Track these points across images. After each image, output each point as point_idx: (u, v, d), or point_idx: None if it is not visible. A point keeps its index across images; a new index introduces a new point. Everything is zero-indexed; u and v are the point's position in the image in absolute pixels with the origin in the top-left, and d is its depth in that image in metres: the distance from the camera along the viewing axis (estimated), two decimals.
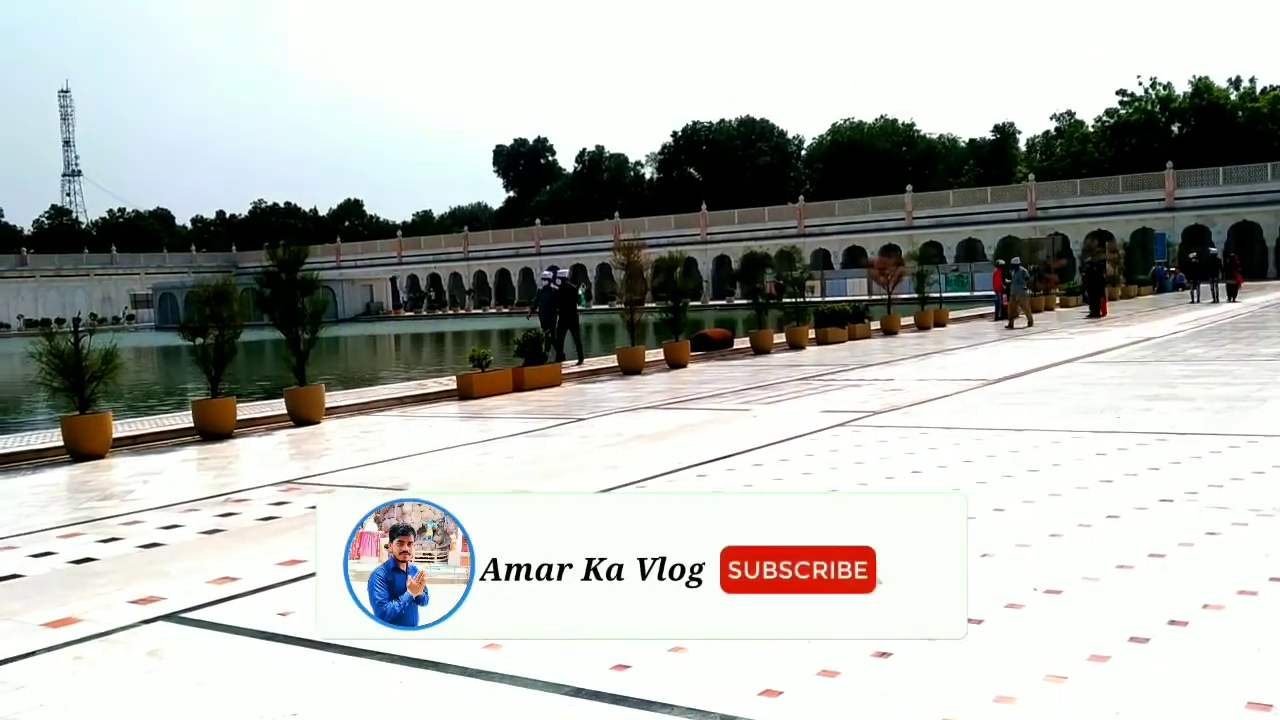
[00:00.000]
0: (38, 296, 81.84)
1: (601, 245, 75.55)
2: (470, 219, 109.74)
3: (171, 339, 22.32)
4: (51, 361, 10.33)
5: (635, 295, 18.40)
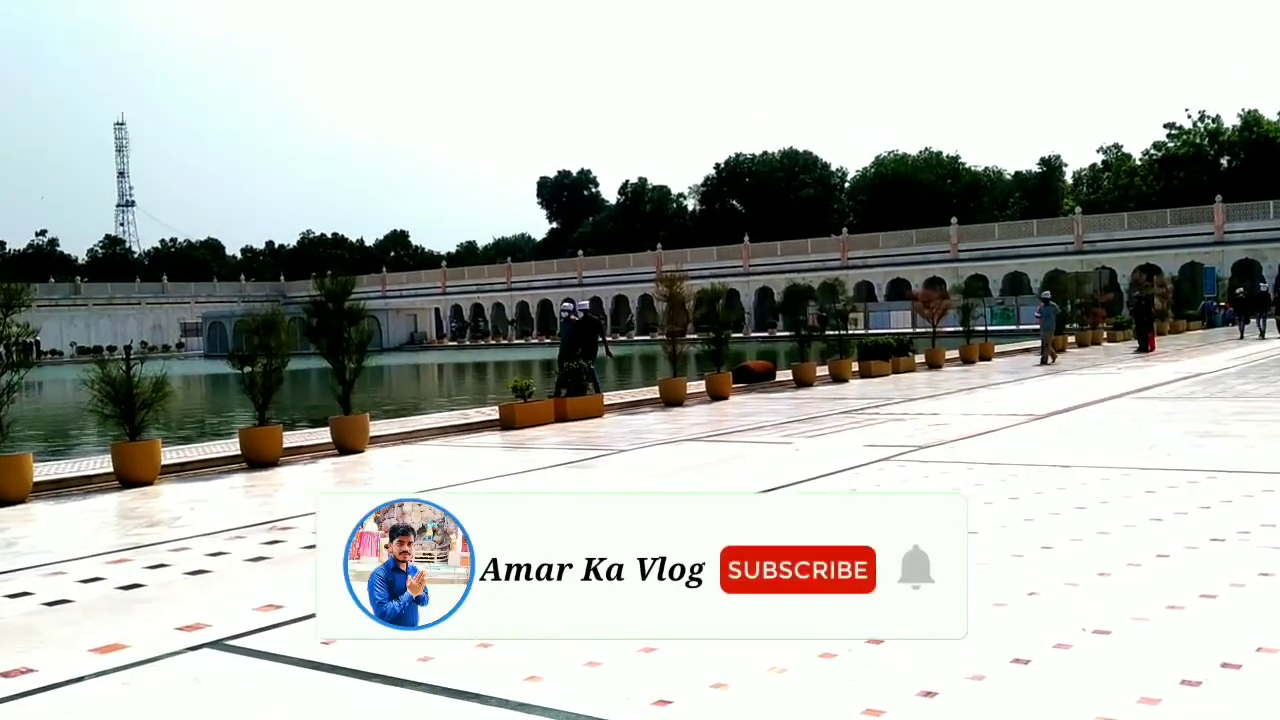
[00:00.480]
0: (90, 324, 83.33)
1: (643, 276, 75.73)
2: (513, 250, 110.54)
3: (220, 367, 22.60)
4: (103, 389, 10.50)
5: (677, 327, 18.39)
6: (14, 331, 9.78)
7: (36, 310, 16.22)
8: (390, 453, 12.38)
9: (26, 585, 6.10)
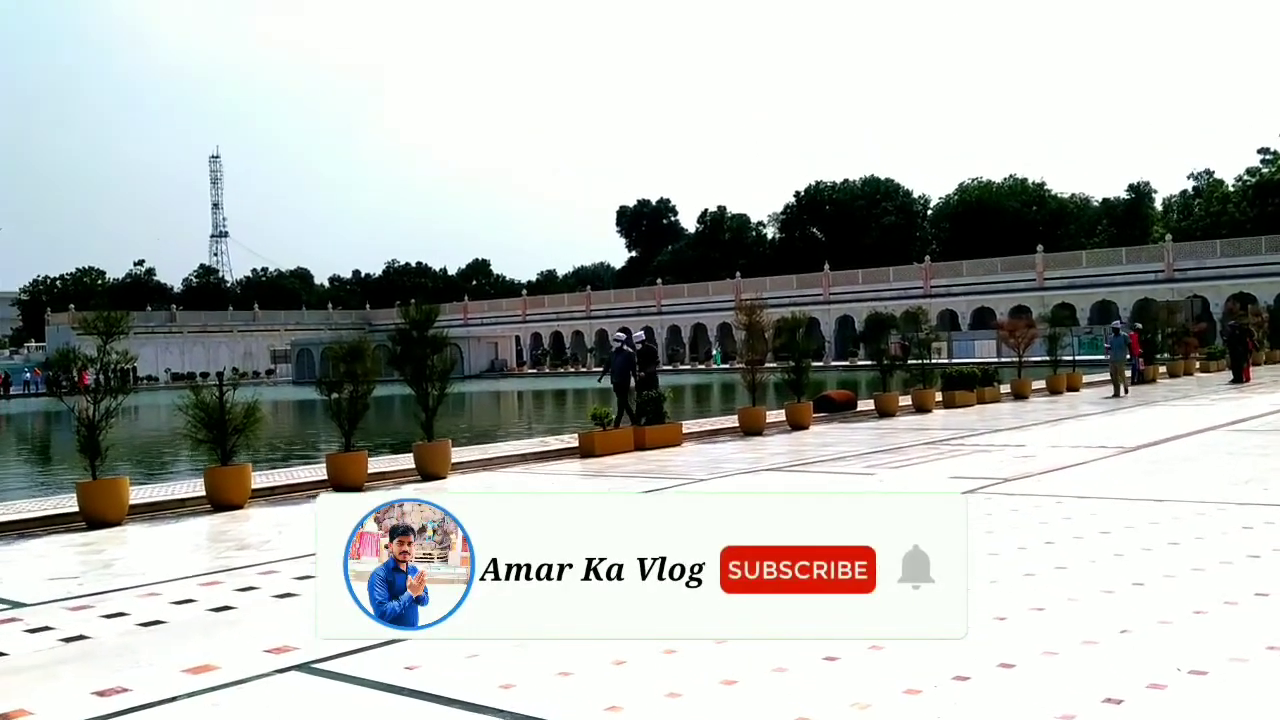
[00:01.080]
0: (185, 351, 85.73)
1: (722, 305, 75.57)
2: (593, 278, 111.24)
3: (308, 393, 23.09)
4: (197, 414, 10.80)
5: (756, 355, 18.33)
6: (114, 359, 10.11)
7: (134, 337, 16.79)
8: (471, 479, 12.51)
9: (122, 606, 6.28)
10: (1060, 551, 6.84)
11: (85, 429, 9.96)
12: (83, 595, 6.65)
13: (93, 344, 10.23)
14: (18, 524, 9.69)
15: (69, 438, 10.65)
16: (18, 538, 9.26)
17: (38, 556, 8.46)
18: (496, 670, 4.56)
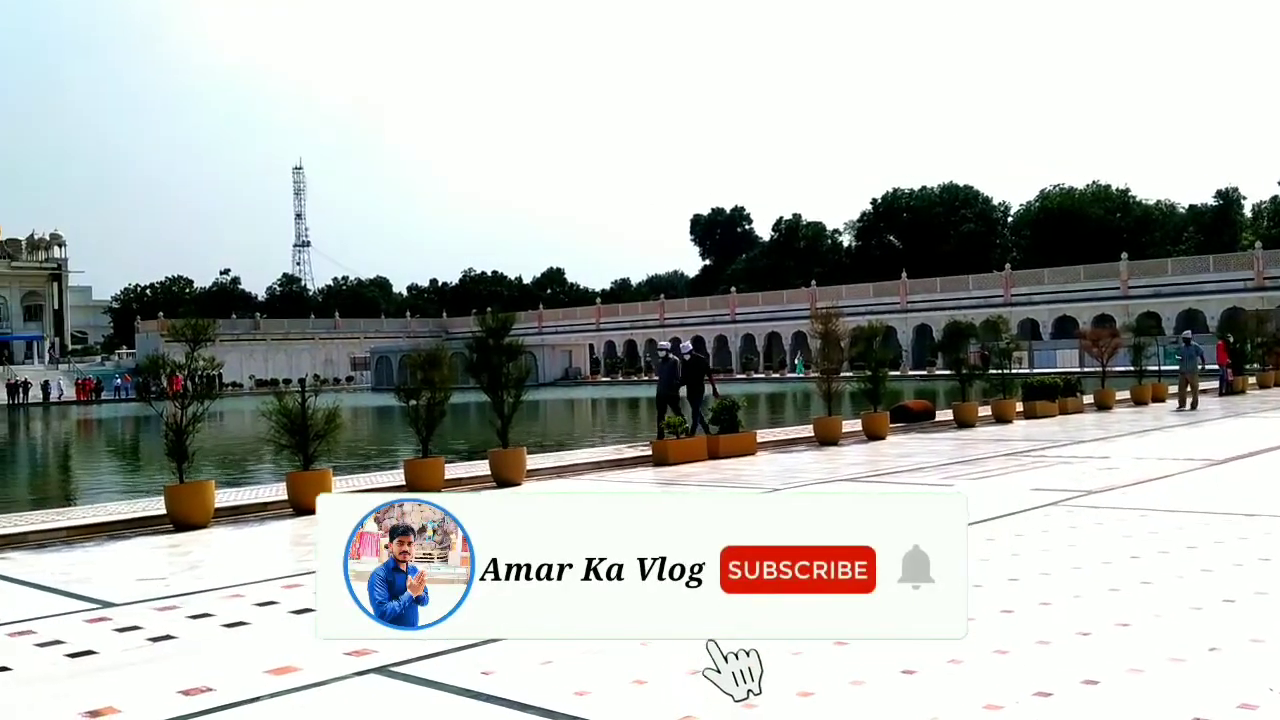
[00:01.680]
0: (268, 358, 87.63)
1: (797, 313, 75.09)
2: (666, 287, 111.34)
3: (386, 400, 23.42)
4: (280, 420, 11.02)
5: (832, 364, 18.18)
6: (200, 365, 10.37)
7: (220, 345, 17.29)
8: (545, 486, 12.59)
9: (207, 607, 6.43)
10: (1146, 566, 6.67)
11: (173, 434, 10.22)
12: (169, 596, 6.82)
13: (181, 351, 10.50)
14: (108, 525, 9.98)
15: (157, 442, 10.95)
16: (108, 539, 9.54)
17: (127, 558, 8.70)
18: (571, 677, 4.58)
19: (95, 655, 5.39)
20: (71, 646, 5.54)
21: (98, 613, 6.44)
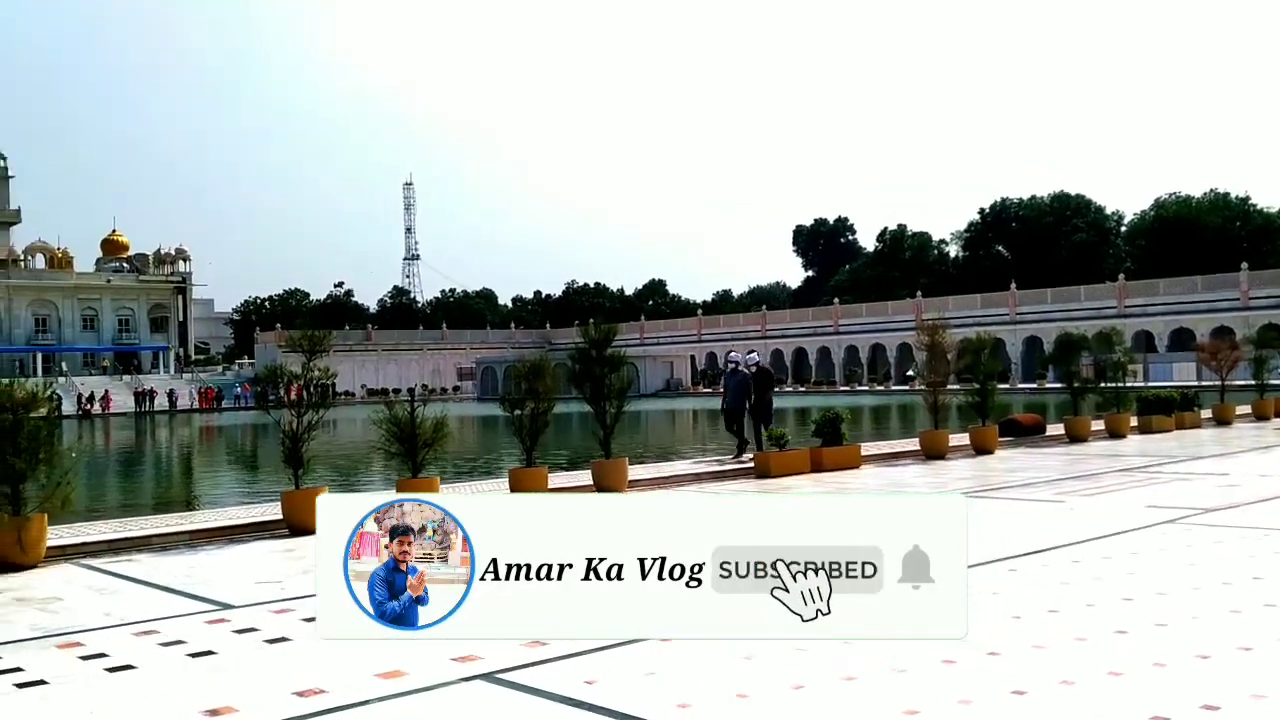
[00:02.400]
0: (379, 368, 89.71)
1: (902, 325, 74.01)
2: (768, 298, 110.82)
3: (491, 409, 23.78)
4: (390, 429, 11.28)
5: (938, 377, 17.86)
6: (316, 375, 10.69)
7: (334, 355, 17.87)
8: (648, 496, 12.63)
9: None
10: (1270, 588, 6.40)
11: (289, 441, 10.55)
12: (285, 599, 7.03)
13: (298, 361, 10.84)
14: (228, 530, 10.34)
15: (274, 449, 11.31)
16: (228, 543, 9.88)
17: (245, 561, 9.00)
18: (674, 688, 4.59)
19: (215, 655, 5.59)
20: (192, 646, 5.75)
21: (217, 614, 6.67)
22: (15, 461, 8.70)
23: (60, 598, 7.48)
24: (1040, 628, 5.58)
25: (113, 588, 7.85)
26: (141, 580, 8.03)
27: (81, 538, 9.66)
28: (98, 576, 8.29)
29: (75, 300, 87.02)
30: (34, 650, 5.82)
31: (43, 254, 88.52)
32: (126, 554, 9.23)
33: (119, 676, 5.25)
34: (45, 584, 8.01)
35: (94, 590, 7.80)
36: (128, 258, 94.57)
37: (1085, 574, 7.04)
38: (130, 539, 9.69)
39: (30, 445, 8.77)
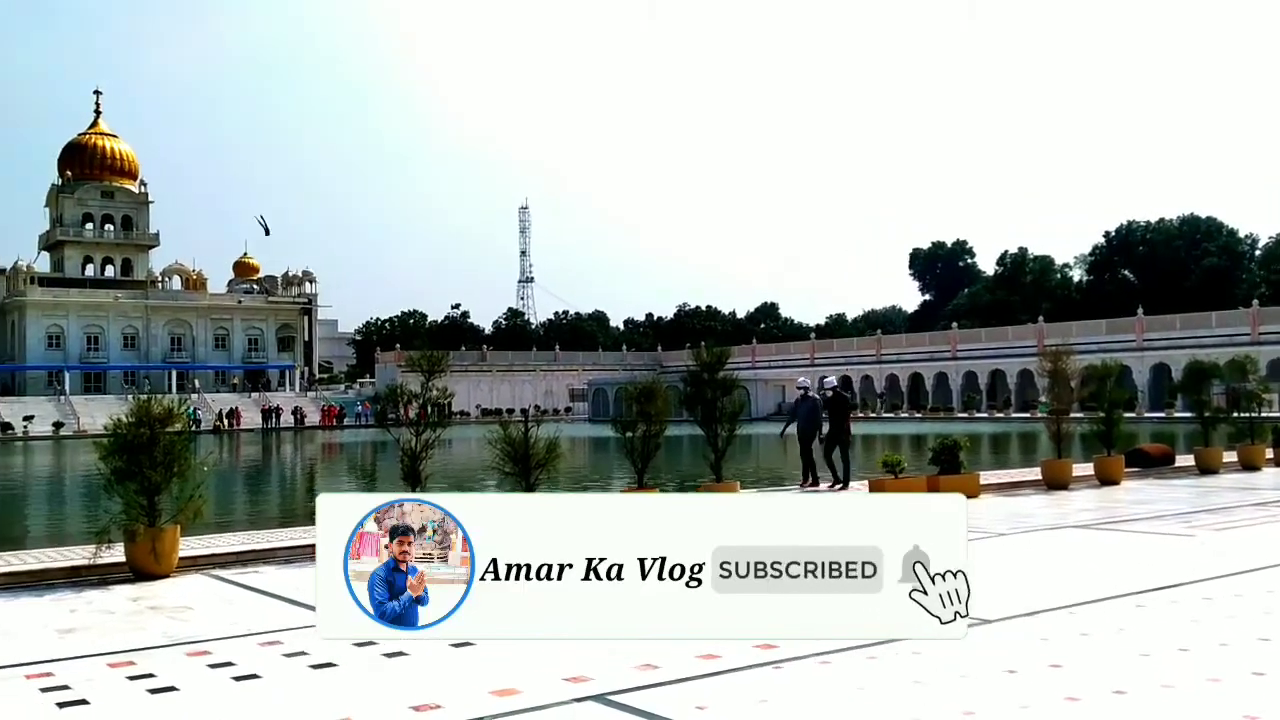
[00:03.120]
0: (493, 388, 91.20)
1: (1023, 351, 72.14)
2: (883, 322, 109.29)
3: (602, 431, 23.93)
4: (505, 448, 11.44)
5: (1061, 405, 17.37)
6: (434, 394, 10.93)
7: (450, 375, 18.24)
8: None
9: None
10: None
11: (408, 458, 10.79)
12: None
13: (416, 380, 11.10)
14: None
15: (393, 466, 11.57)
16: None
17: None
18: (787, 716, 4.54)
19: (335, 668, 5.74)
20: (314, 658, 5.91)
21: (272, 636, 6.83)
22: (152, 474, 9.09)
23: (190, 606, 7.77)
24: (1170, 667, 5.36)
25: (239, 598, 8.13)
26: (267, 592, 8.30)
27: (211, 549, 10.03)
28: (226, 587, 8.60)
29: (208, 320, 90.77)
30: (165, 657, 6.06)
31: (179, 275, 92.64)
32: (253, 566, 9.55)
33: (245, 685, 5.44)
34: (176, 593, 8.34)
35: (222, 600, 8.09)
36: (257, 279, 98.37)
37: (1218, 612, 6.74)
38: (257, 551, 10.02)
39: (165, 459, 9.16)
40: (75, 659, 6.08)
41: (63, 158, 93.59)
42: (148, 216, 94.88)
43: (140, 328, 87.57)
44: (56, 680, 5.56)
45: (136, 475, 9.07)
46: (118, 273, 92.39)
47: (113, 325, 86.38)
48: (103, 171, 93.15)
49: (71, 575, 8.97)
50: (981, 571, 8.89)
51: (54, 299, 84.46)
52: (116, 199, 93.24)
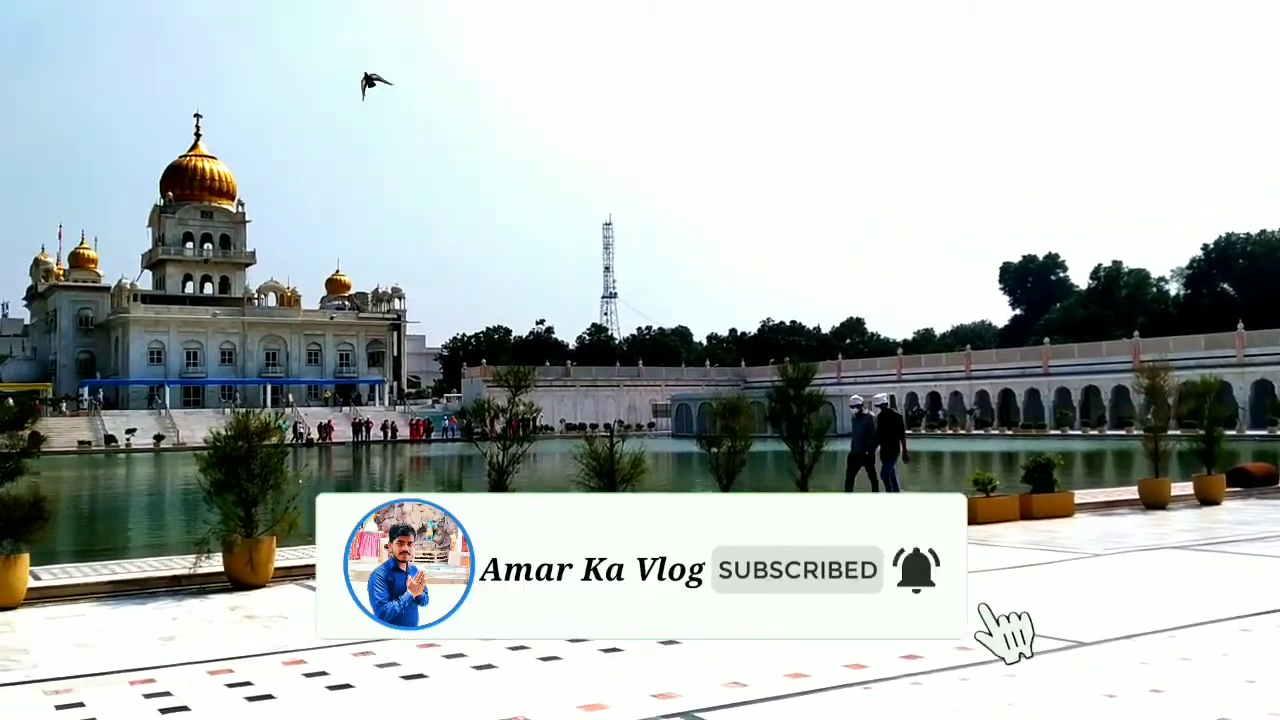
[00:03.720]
0: (577, 403, 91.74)
1: (1118, 366, 70.30)
2: (972, 337, 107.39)
3: (686, 446, 23.92)
4: (590, 463, 11.50)
5: (1158, 422, 16.88)
6: (521, 409, 11.05)
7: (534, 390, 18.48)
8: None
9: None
10: None
11: (495, 472, 10.92)
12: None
13: (502, 395, 11.23)
14: None
15: (478, 479, 11.71)
16: None
17: None
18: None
19: (425, 679, 5.82)
20: (405, 669, 6.01)
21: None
22: (249, 486, 9.34)
23: (285, 616, 7.95)
24: (1278, 694, 5.17)
25: None
26: None
27: (305, 560, 10.24)
28: None
29: (302, 336, 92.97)
30: (262, 666, 6.22)
31: (274, 293, 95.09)
32: None
33: (338, 695, 5.54)
34: (272, 603, 8.54)
35: None
36: (349, 296, 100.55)
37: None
38: None
39: (262, 471, 9.40)
40: (176, 666, 6.27)
41: (165, 179, 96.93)
42: (244, 235, 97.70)
43: (237, 343, 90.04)
44: (158, 686, 5.74)
45: (234, 487, 9.33)
46: (216, 290, 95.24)
47: (211, 341, 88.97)
48: (202, 192, 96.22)
49: (172, 584, 9.26)
50: (1076, 593, 8.72)
51: (156, 316, 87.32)
52: (215, 218, 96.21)
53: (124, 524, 21.02)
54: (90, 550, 14.19)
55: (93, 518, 22.38)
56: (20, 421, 8.89)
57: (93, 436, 64.77)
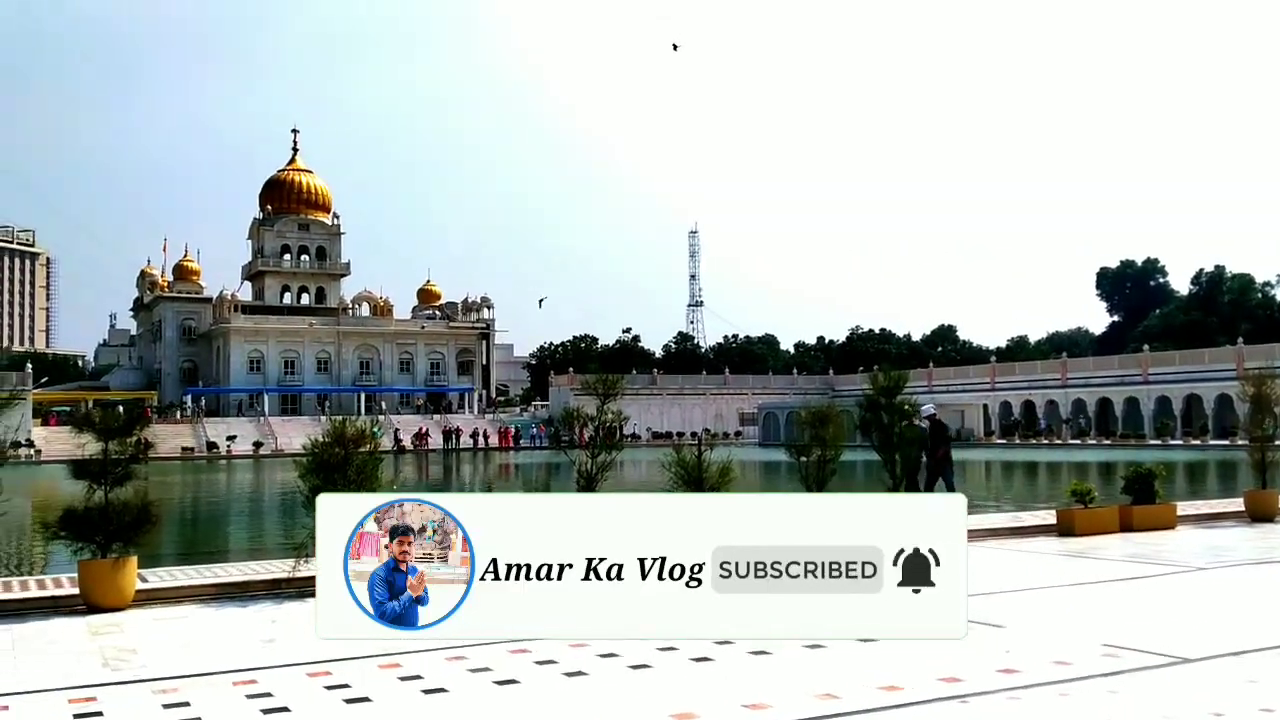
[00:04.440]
0: (663, 411, 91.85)
1: (1221, 374, 68.03)
2: (1068, 344, 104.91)
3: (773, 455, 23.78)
4: (678, 471, 11.52)
5: (1264, 431, 16.29)
6: (609, 417, 11.12)
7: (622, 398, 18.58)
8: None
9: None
10: None
11: (584, 479, 10.99)
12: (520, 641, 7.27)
13: (589, 403, 11.31)
14: None
15: (568, 487, 11.81)
16: None
17: None
18: None
19: (517, 684, 5.87)
20: (497, 675, 6.07)
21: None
22: (345, 492, 9.54)
23: None
24: None
25: None
26: None
27: None
28: None
29: (394, 345, 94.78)
30: (360, 669, 6.34)
31: (368, 303, 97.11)
32: None
33: (433, 698, 5.63)
34: None
35: None
36: (439, 305, 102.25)
37: None
38: None
39: (358, 477, 9.61)
40: (276, 668, 6.44)
41: (264, 193, 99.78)
42: (339, 247, 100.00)
43: (332, 352, 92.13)
44: (260, 688, 5.90)
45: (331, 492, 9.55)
46: (312, 300, 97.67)
47: (308, 350, 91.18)
48: (299, 205, 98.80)
49: (272, 587, 9.51)
50: (1180, 607, 8.48)
51: (255, 326, 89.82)
52: (312, 231, 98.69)
53: (225, 528, 21.65)
54: (193, 553, 14.65)
55: (195, 522, 23.10)
56: (129, 428, 9.22)
57: (195, 443, 66.82)
